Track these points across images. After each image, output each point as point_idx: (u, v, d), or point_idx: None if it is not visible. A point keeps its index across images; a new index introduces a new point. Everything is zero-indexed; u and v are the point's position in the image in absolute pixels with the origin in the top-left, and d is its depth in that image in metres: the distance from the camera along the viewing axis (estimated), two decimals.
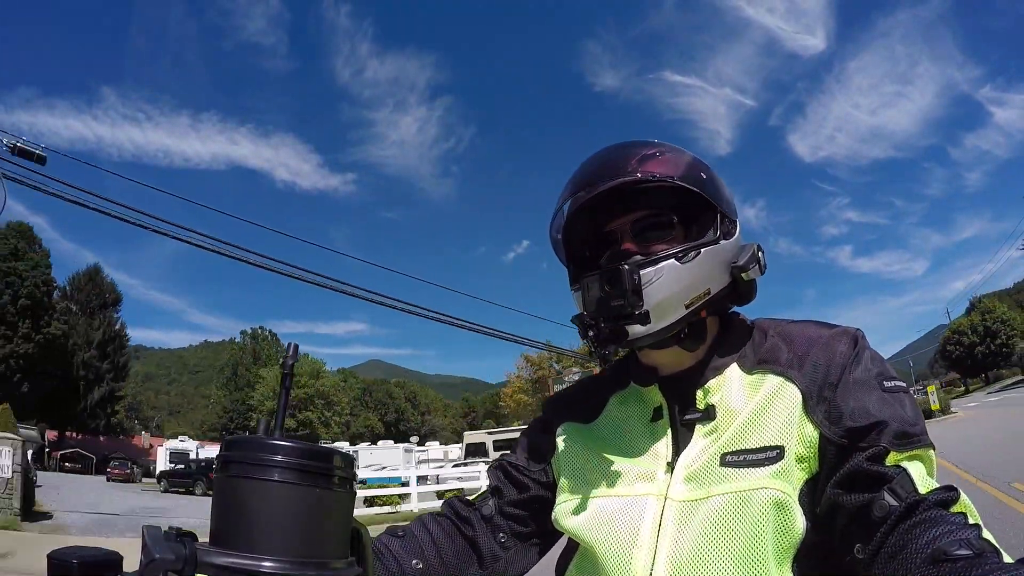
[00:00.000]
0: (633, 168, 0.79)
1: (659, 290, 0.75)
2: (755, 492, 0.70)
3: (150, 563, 0.42)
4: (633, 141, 0.85)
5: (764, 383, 0.78)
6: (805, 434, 0.72)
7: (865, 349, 0.77)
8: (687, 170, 0.81)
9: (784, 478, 0.70)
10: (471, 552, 0.90)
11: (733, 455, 0.74)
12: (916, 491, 0.64)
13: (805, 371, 0.76)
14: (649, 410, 0.85)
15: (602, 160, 0.83)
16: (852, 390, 0.72)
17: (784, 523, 0.68)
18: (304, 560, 0.46)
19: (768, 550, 0.67)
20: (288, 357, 0.53)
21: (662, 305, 0.76)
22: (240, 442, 0.48)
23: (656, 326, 0.76)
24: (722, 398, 0.79)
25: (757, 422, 0.75)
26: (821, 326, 0.82)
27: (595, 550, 0.78)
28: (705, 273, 0.78)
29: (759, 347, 0.83)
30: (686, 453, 0.78)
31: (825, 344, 0.77)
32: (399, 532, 0.88)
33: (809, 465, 0.72)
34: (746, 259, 0.81)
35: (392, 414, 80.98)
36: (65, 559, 0.46)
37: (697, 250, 0.78)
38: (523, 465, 0.95)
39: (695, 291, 0.77)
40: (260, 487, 0.46)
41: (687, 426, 0.80)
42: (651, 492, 0.77)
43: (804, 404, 0.74)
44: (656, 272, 0.75)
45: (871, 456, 0.67)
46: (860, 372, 0.74)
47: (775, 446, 0.72)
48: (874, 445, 0.68)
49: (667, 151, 0.83)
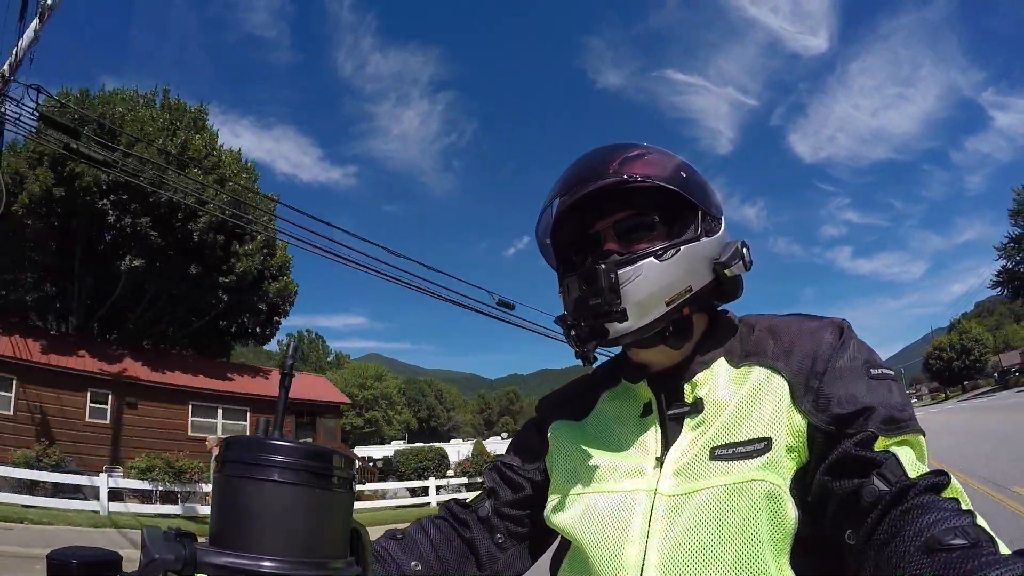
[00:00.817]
0: (614, 170, 0.81)
1: (638, 288, 0.76)
2: (745, 484, 0.70)
3: (150, 563, 0.42)
4: (616, 144, 0.87)
5: (751, 375, 0.79)
6: (793, 424, 0.73)
7: (851, 338, 0.77)
8: (666, 170, 0.82)
9: (773, 469, 0.70)
10: (469, 554, 0.90)
11: (722, 448, 0.74)
12: (906, 475, 0.63)
13: (792, 362, 0.76)
14: (639, 406, 0.86)
15: (584, 164, 0.85)
16: (839, 378, 0.73)
17: (775, 514, 0.68)
18: (303, 560, 0.46)
19: (759, 541, 0.68)
20: (288, 357, 0.53)
21: (642, 303, 0.77)
22: (240, 442, 0.48)
23: (637, 323, 0.77)
24: (709, 391, 0.80)
25: (745, 414, 0.75)
26: (807, 318, 0.83)
27: (586, 547, 0.78)
28: (685, 270, 0.79)
29: (746, 341, 0.83)
30: (675, 447, 0.79)
31: (811, 335, 0.78)
32: (397, 535, 0.89)
33: (799, 455, 0.72)
34: (728, 255, 0.82)
35: (424, 411, 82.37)
36: (64, 559, 0.46)
37: (676, 248, 0.79)
38: (518, 465, 0.95)
39: (675, 288, 0.78)
40: (260, 487, 0.46)
41: (675, 420, 0.81)
42: (640, 487, 0.78)
43: (792, 394, 0.74)
44: (635, 271, 0.77)
45: (859, 442, 0.68)
46: (846, 360, 0.75)
47: (763, 437, 0.72)
48: (862, 431, 0.68)
49: (648, 152, 0.84)
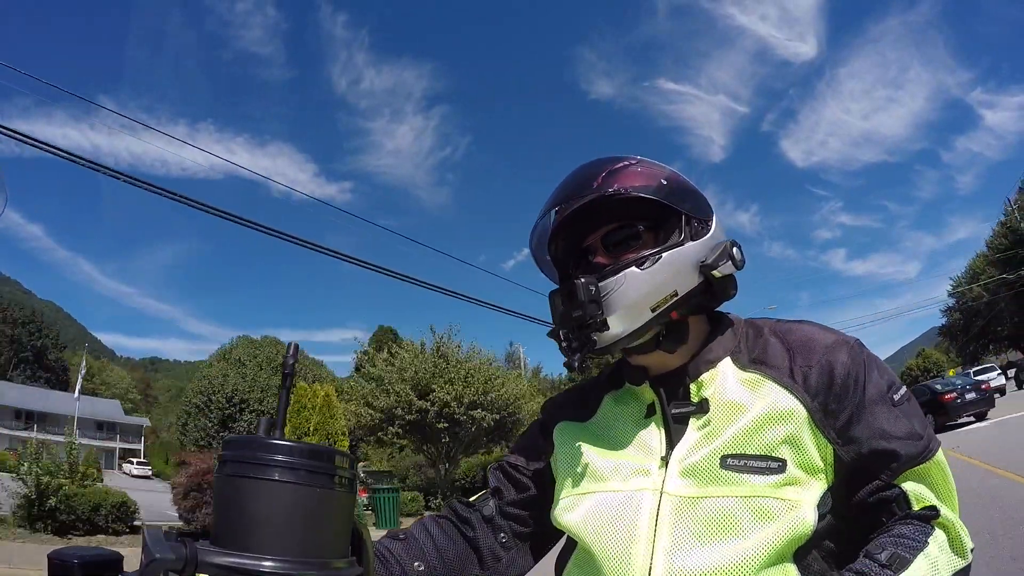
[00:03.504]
0: (597, 185, 0.81)
1: (621, 298, 0.77)
2: (756, 500, 0.71)
3: (150, 563, 0.42)
4: (603, 158, 0.87)
5: (763, 389, 0.78)
6: (816, 447, 0.75)
7: (868, 361, 0.78)
8: (647, 180, 0.82)
9: (787, 487, 0.72)
10: (472, 553, 0.90)
11: (734, 458, 0.74)
12: (909, 509, 0.72)
13: (809, 385, 0.77)
14: (643, 407, 0.86)
15: (571, 181, 0.86)
16: (865, 411, 0.75)
17: (787, 525, 0.70)
18: (305, 560, 0.46)
19: (769, 547, 0.69)
20: (288, 357, 0.53)
21: (626, 310, 0.78)
22: (241, 441, 0.48)
23: (623, 330, 0.78)
24: (715, 391, 0.80)
25: (759, 431, 0.75)
26: (816, 329, 0.83)
27: (593, 545, 0.78)
28: (669, 276, 0.79)
29: (753, 344, 0.83)
30: (680, 446, 0.79)
31: (824, 352, 0.78)
32: (400, 535, 0.88)
33: (820, 476, 0.75)
34: (715, 257, 0.82)
35: None
36: (66, 559, 0.46)
37: (658, 255, 0.79)
38: (522, 465, 0.95)
39: (660, 294, 0.79)
40: (261, 487, 0.46)
41: (680, 420, 0.81)
42: (646, 487, 0.78)
43: (811, 420, 0.75)
44: (616, 281, 0.78)
45: (882, 486, 0.74)
46: (872, 389, 0.76)
47: (777, 458, 0.73)
48: (886, 470, 0.73)
49: (632, 164, 0.84)
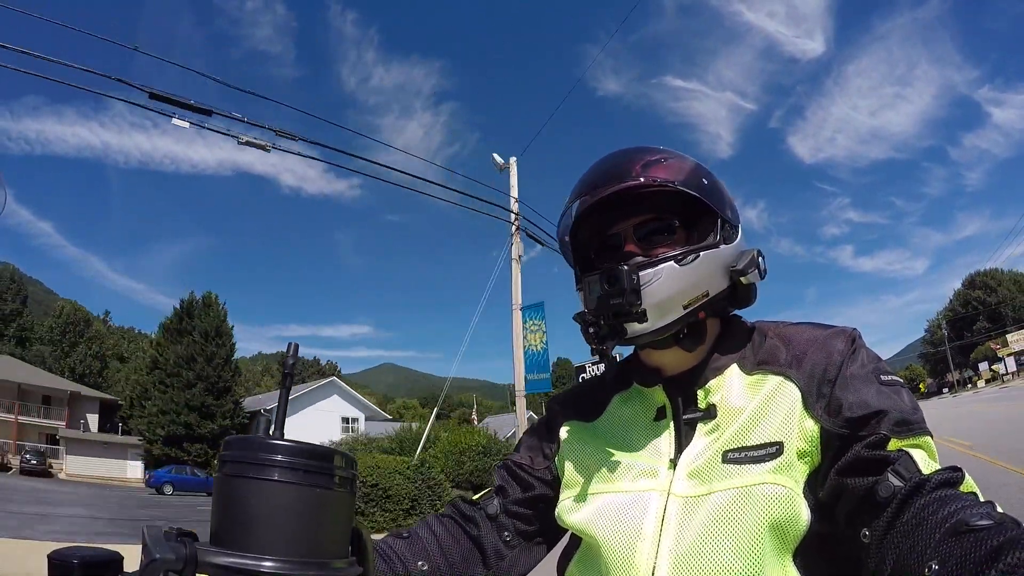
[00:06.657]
0: (637, 173, 0.81)
1: (658, 290, 0.77)
2: (756, 487, 0.71)
3: (150, 563, 0.42)
4: (639, 147, 0.87)
5: (764, 383, 0.79)
6: (805, 429, 0.73)
7: (861, 347, 0.79)
8: (689, 176, 0.82)
9: (785, 472, 0.71)
10: (476, 551, 0.90)
11: (734, 452, 0.75)
12: (919, 472, 0.64)
13: (804, 369, 0.77)
14: (652, 409, 0.86)
15: (607, 165, 0.85)
16: (850, 384, 0.74)
17: (786, 516, 0.69)
18: (305, 560, 0.46)
19: (770, 543, 0.68)
20: (289, 356, 0.53)
21: (660, 305, 0.77)
22: (240, 442, 0.48)
23: (654, 325, 0.78)
24: (722, 397, 0.80)
25: (758, 420, 0.76)
26: (818, 327, 0.83)
27: (599, 545, 0.78)
28: (703, 276, 0.79)
29: (759, 348, 0.84)
30: (688, 451, 0.79)
31: (822, 343, 0.79)
32: (403, 534, 0.89)
33: (811, 459, 0.73)
34: (745, 263, 0.83)
35: None
36: (66, 559, 0.46)
37: (696, 253, 0.79)
38: (527, 464, 0.95)
39: (693, 293, 0.79)
40: (261, 487, 0.46)
41: (689, 425, 0.81)
42: (654, 488, 0.78)
43: (804, 401, 0.75)
44: (655, 273, 0.77)
45: (872, 443, 0.69)
46: (857, 367, 0.76)
47: (775, 442, 0.73)
48: (874, 433, 0.69)
49: (671, 157, 0.84)
